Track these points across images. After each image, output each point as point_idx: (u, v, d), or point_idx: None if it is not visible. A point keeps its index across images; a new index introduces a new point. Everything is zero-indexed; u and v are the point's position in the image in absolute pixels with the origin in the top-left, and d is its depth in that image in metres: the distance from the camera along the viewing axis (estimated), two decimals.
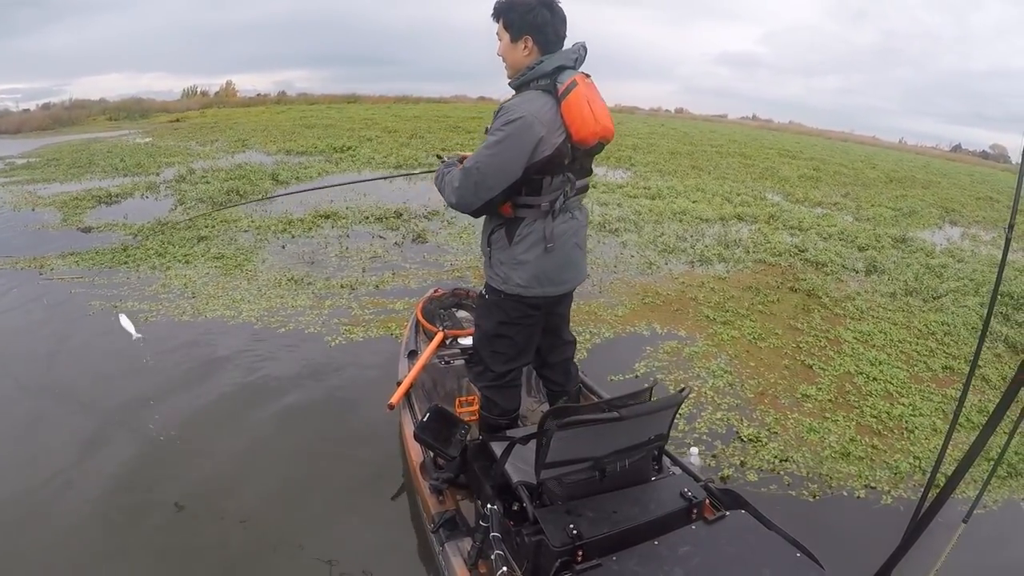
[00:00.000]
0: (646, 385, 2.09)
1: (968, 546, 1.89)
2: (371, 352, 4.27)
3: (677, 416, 3.53)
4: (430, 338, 3.34)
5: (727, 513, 1.94)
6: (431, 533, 2.18)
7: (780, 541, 1.82)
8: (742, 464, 3.26)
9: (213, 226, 7.08)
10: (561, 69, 2.15)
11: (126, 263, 5.79)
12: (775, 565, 1.72)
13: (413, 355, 3.18)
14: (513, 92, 2.25)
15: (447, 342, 3.32)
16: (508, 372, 2.48)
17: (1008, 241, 2.09)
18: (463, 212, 2.25)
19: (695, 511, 1.93)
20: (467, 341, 3.17)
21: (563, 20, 2.17)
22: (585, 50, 2.22)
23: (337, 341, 4.38)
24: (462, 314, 3.66)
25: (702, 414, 3.68)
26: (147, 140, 14.87)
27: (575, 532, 1.72)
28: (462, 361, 3.17)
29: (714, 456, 3.30)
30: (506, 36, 2.17)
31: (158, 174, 10.08)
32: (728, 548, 1.79)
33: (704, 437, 3.46)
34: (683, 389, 2.00)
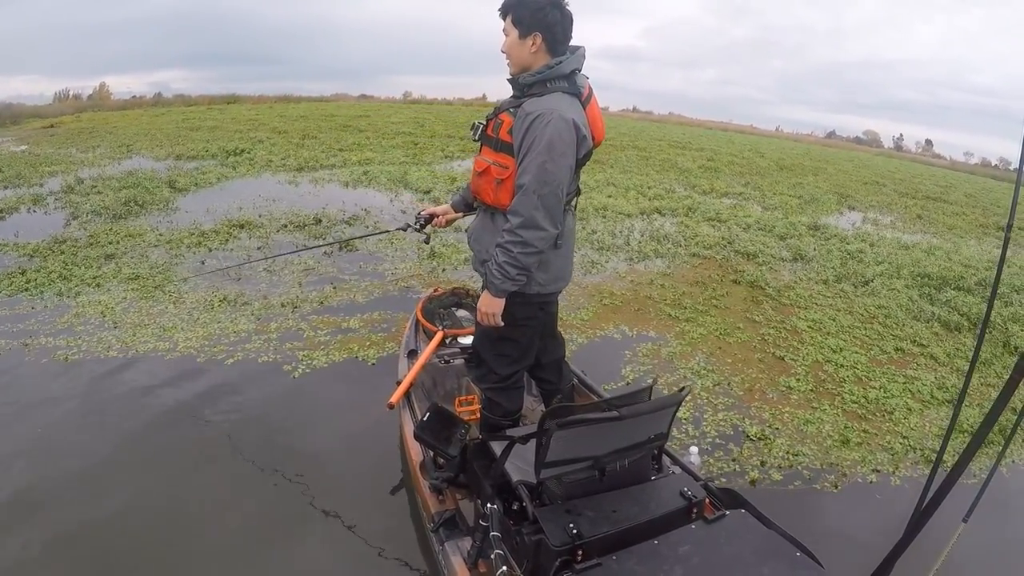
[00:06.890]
0: (645, 384, 2.09)
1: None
2: (340, 379, 3.91)
3: (683, 421, 3.53)
4: (430, 337, 3.30)
5: (727, 512, 1.95)
6: (431, 532, 2.19)
7: (780, 540, 1.83)
8: (763, 464, 3.27)
9: (118, 242, 6.34)
10: (575, 72, 2.15)
11: (27, 290, 5.02)
12: (774, 564, 1.73)
13: (413, 354, 3.16)
14: (512, 89, 2.21)
15: (447, 341, 3.29)
16: (513, 374, 2.44)
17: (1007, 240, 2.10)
18: (555, 231, 2.11)
19: (695, 510, 1.93)
20: (467, 340, 3.18)
21: (571, 21, 2.14)
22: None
23: (299, 371, 3.95)
24: (462, 313, 3.61)
25: (704, 416, 3.66)
26: (23, 148, 13.21)
27: (575, 531, 1.72)
28: (462, 360, 3.17)
29: (734, 459, 3.28)
30: (514, 32, 2.12)
31: (42, 185, 8.91)
32: (728, 547, 1.80)
33: (717, 440, 3.45)
34: (683, 388, 2.00)
